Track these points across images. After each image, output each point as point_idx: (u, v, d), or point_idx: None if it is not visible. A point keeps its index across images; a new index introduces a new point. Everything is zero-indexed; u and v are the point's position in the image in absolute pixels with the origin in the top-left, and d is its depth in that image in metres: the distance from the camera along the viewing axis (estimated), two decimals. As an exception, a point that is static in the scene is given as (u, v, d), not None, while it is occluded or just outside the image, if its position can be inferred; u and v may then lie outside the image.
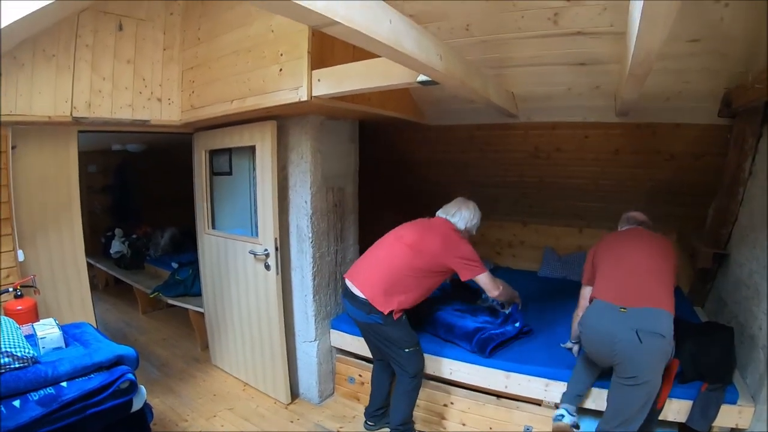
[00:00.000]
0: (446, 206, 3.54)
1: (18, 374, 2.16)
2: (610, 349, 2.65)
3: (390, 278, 3.19)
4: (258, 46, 3.29)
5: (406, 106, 4.32)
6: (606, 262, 3.06)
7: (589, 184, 4.82)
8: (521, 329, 3.64)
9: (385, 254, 3.33)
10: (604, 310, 2.78)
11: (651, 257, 2.94)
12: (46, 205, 3.54)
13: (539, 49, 3.36)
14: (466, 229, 3.46)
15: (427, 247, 3.24)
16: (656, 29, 1.63)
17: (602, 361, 2.85)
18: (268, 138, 3.59)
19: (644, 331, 2.56)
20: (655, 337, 2.55)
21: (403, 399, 3.35)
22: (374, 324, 3.21)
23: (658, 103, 3.55)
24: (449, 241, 3.28)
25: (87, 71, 3.46)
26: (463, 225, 3.44)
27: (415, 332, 3.36)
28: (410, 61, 2.11)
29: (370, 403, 3.62)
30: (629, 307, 2.67)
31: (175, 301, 5.27)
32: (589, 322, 2.86)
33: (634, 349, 2.56)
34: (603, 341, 2.70)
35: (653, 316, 2.62)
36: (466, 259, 3.24)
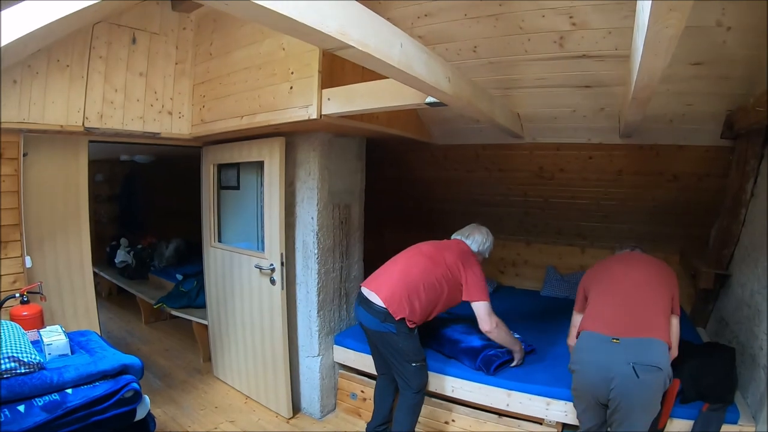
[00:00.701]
0: (460, 230, 3.64)
1: (23, 379, 2.18)
2: (606, 385, 2.50)
3: (407, 286, 3.20)
4: (269, 64, 3.34)
5: (412, 125, 4.36)
6: (596, 289, 2.93)
7: (592, 205, 4.85)
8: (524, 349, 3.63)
9: (404, 265, 3.36)
10: (596, 342, 2.63)
11: (645, 283, 2.81)
12: (54, 212, 3.58)
13: (545, 72, 3.42)
14: (479, 252, 3.52)
15: (443, 259, 3.30)
16: (659, 55, 1.67)
17: (595, 399, 2.62)
18: (277, 154, 3.63)
19: (640, 364, 2.43)
20: (653, 371, 2.43)
21: (407, 414, 3.36)
22: (387, 333, 3.19)
23: (662, 124, 3.60)
24: (465, 256, 3.37)
25: (100, 82, 3.52)
26: (476, 248, 3.51)
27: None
28: (420, 84, 2.16)
29: (373, 419, 3.62)
30: (622, 338, 2.54)
31: (179, 313, 5.28)
32: (580, 357, 2.69)
33: (631, 385, 2.44)
34: (597, 377, 2.55)
35: (648, 347, 2.50)
36: (475, 278, 3.27)
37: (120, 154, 7.08)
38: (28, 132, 3.26)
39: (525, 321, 4.57)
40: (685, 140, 3.79)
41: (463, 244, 3.51)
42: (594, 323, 2.72)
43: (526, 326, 4.40)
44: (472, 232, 3.56)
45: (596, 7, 2.84)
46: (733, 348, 3.22)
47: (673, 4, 1.25)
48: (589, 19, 2.93)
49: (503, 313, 4.68)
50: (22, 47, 2.68)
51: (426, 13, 3.26)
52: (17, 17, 2.21)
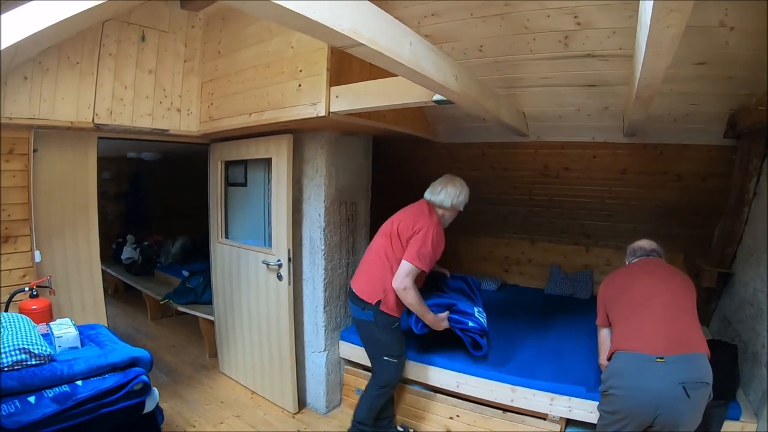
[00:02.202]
0: (432, 184, 3.47)
1: (34, 371, 2.19)
2: (654, 408, 2.33)
3: (372, 270, 3.28)
4: (277, 62, 3.37)
5: (419, 123, 4.39)
6: (624, 304, 2.73)
7: (596, 203, 4.87)
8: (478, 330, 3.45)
9: (371, 250, 3.41)
10: (638, 362, 2.42)
11: (673, 293, 2.64)
12: (64, 208, 3.62)
13: (550, 71, 3.44)
14: (452, 206, 3.37)
15: (398, 230, 3.25)
16: (661, 54, 1.69)
17: (638, 422, 2.43)
18: (285, 151, 3.67)
19: (690, 382, 2.29)
20: (702, 387, 2.32)
21: (367, 401, 3.43)
22: (366, 321, 3.26)
23: (666, 124, 3.62)
24: (414, 216, 3.28)
25: (110, 79, 3.56)
26: (449, 202, 3.34)
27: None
28: (428, 82, 2.19)
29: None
30: (667, 356, 2.35)
31: (186, 309, 5.32)
32: (622, 382, 2.47)
33: (681, 406, 2.30)
34: (644, 401, 2.36)
35: (695, 362, 2.36)
36: (418, 243, 3.11)
37: (127, 152, 7.12)
38: (38, 128, 3.29)
39: (530, 318, 4.61)
40: (688, 139, 3.80)
41: (425, 205, 3.37)
42: (631, 342, 2.52)
43: (531, 323, 4.45)
44: (445, 186, 3.38)
45: (601, 7, 2.86)
46: (735, 345, 3.24)
47: (674, 4, 1.28)
48: (593, 19, 2.95)
49: (508, 309, 4.77)
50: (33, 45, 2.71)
51: (433, 12, 3.28)
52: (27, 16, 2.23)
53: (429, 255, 3.12)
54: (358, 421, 3.46)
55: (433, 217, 3.28)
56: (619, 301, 2.77)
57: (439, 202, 3.35)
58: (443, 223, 3.39)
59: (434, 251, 3.16)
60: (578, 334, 4.14)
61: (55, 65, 3.28)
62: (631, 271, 2.97)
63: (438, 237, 3.20)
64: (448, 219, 3.43)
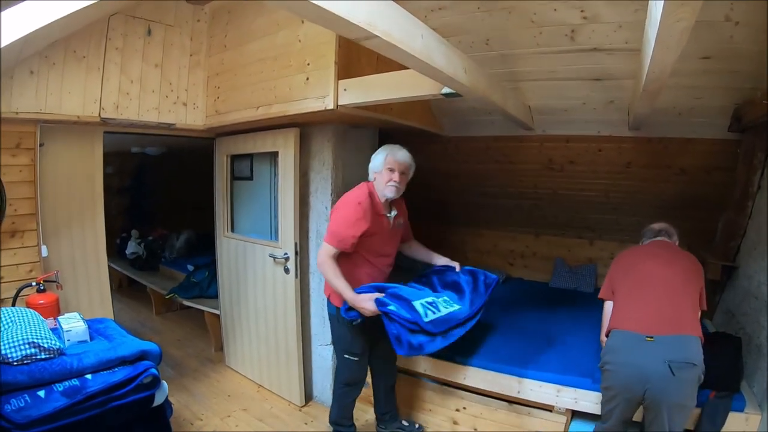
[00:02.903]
0: None
1: (44, 365, 2.19)
2: (641, 385, 2.50)
3: None
4: (285, 55, 3.38)
5: (425, 117, 4.40)
6: (625, 283, 2.86)
7: (601, 197, 4.88)
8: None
9: None
10: (629, 341, 2.60)
11: (675, 278, 2.74)
12: (70, 202, 3.62)
13: (556, 64, 3.46)
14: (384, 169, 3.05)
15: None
16: (670, 48, 1.70)
17: (629, 398, 2.61)
18: (292, 144, 3.67)
19: (676, 362, 2.42)
20: (688, 368, 2.43)
21: (335, 401, 3.47)
22: (330, 314, 3.27)
23: (670, 117, 3.64)
24: (344, 196, 3.12)
25: (116, 73, 3.56)
26: (377, 167, 3.09)
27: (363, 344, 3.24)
28: (438, 74, 2.21)
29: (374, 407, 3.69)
30: (656, 335, 2.51)
31: (191, 303, 5.33)
32: (613, 357, 2.65)
33: (667, 383, 2.44)
34: (632, 377, 2.54)
35: (683, 343, 2.49)
36: (331, 222, 3.03)
37: (131, 147, 7.12)
38: (44, 122, 3.30)
39: (535, 311, 4.62)
40: (693, 133, 3.82)
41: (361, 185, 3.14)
42: (625, 321, 2.69)
43: (536, 316, 4.47)
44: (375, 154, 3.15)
45: (607, 2, 2.86)
46: (739, 337, 3.25)
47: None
48: (600, 13, 2.96)
49: (513, 302, 4.79)
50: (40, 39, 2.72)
51: (440, 6, 3.29)
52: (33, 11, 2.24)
53: (339, 233, 2.94)
54: (333, 422, 3.49)
55: (358, 193, 3.05)
56: (622, 280, 2.90)
57: (377, 165, 3.10)
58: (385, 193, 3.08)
59: (345, 229, 2.94)
60: (583, 326, 4.15)
61: (62, 59, 3.28)
62: (639, 251, 3.07)
63: (355, 215, 2.95)
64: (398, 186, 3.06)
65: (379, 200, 3.11)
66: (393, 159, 3.05)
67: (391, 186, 3.05)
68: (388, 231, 3.19)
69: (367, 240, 3.04)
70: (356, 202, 2.98)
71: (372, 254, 3.16)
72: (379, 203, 3.11)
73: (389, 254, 3.30)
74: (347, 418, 3.47)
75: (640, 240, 3.29)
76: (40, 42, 2.90)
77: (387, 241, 3.22)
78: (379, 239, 3.13)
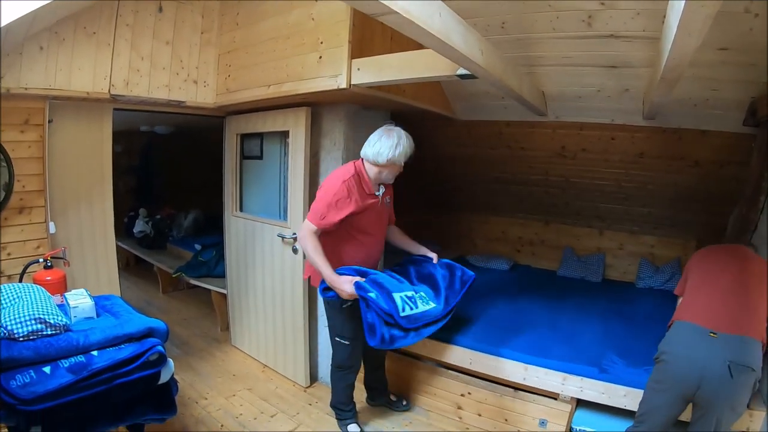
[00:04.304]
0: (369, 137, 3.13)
1: (50, 341, 2.17)
2: (696, 381, 2.37)
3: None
4: (297, 34, 3.35)
5: (438, 99, 4.35)
6: (697, 276, 2.78)
7: (612, 186, 4.85)
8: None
9: None
10: (691, 333, 2.49)
11: (747, 277, 2.62)
12: (78, 179, 3.61)
13: (572, 50, 3.38)
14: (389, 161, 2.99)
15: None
16: (692, 35, 1.66)
17: (680, 394, 2.48)
18: (302, 124, 3.64)
19: (736, 363, 2.30)
20: (747, 372, 2.31)
21: (332, 383, 3.50)
22: (323, 299, 3.20)
23: (686, 109, 3.58)
24: (330, 175, 3.11)
25: (126, 50, 3.54)
26: (384, 157, 2.97)
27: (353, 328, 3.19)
28: (455, 54, 2.17)
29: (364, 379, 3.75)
30: (720, 332, 2.39)
31: (198, 282, 5.35)
32: (673, 349, 2.53)
33: (723, 384, 2.31)
34: (689, 371, 2.40)
35: (746, 345, 2.36)
36: (315, 200, 2.98)
37: (140, 125, 7.10)
38: (53, 98, 3.28)
39: (542, 299, 4.61)
40: (707, 125, 3.77)
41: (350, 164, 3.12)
42: (690, 313, 2.59)
43: (544, 304, 4.45)
44: (378, 139, 3.03)
45: (626, -12, 2.80)
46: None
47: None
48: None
49: (520, 289, 4.81)
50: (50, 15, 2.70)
51: (455, -13, 3.25)
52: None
53: (321, 212, 2.90)
54: (333, 405, 3.56)
55: (345, 172, 3.03)
56: (693, 274, 2.82)
57: (373, 157, 3.01)
58: (382, 180, 3.12)
59: (327, 210, 2.90)
60: (590, 316, 4.17)
61: (72, 35, 3.26)
62: (717, 249, 2.98)
63: (339, 195, 2.92)
64: (388, 175, 3.10)
65: (368, 179, 3.09)
66: (394, 161, 3.01)
67: (389, 176, 3.10)
68: (376, 209, 3.17)
69: (353, 218, 3.03)
70: (341, 181, 2.95)
71: (357, 231, 3.14)
72: (369, 182, 3.09)
73: (375, 233, 3.27)
74: (344, 403, 3.49)
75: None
76: (49, 18, 2.87)
77: (374, 219, 3.20)
78: (366, 217, 3.11)
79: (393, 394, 3.85)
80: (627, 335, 3.76)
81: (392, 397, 3.83)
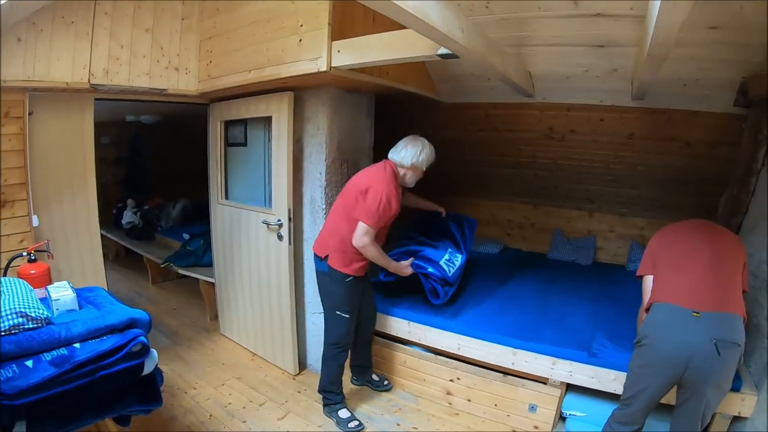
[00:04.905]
0: (397, 144, 3.41)
1: (31, 334, 2.14)
2: (684, 362, 2.36)
3: (326, 228, 3.41)
4: (277, 17, 3.29)
5: (423, 82, 4.31)
6: (669, 255, 2.70)
7: (602, 168, 4.82)
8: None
9: (331, 210, 3.47)
10: (674, 315, 2.44)
11: (717, 252, 2.60)
12: (61, 171, 3.57)
13: (558, 30, 3.33)
14: (412, 165, 3.31)
15: (351, 188, 3.30)
16: (677, 7, 1.62)
17: (668, 377, 2.47)
18: (285, 109, 3.59)
19: (722, 340, 2.29)
20: (732, 347, 2.32)
21: (323, 365, 3.53)
22: (322, 272, 3.37)
23: (675, 89, 3.54)
24: (372, 174, 3.29)
25: (105, 38, 3.47)
26: (409, 161, 3.29)
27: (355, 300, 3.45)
28: (434, 33, 2.12)
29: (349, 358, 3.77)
30: (703, 312, 2.37)
31: (186, 271, 5.32)
32: (656, 332, 2.49)
33: (711, 362, 2.31)
34: (676, 353, 2.38)
35: (729, 321, 2.36)
36: (369, 202, 3.15)
37: (126, 115, 7.04)
38: (33, 90, 3.23)
39: (532, 282, 4.60)
40: (698, 106, 3.73)
41: (383, 163, 3.38)
42: (669, 295, 2.54)
43: (533, 288, 4.44)
44: (406, 145, 3.33)
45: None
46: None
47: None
48: (605, -23, 2.85)
49: (510, 273, 4.80)
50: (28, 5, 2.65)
51: (438, -34, 3.19)
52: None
53: (378, 214, 3.14)
54: (322, 389, 3.58)
55: (387, 174, 3.27)
56: (665, 253, 2.74)
57: (399, 160, 3.32)
58: (406, 182, 3.40)
59: (384, 211, 3.16)
60: (580, 299, 4.15)
61: (50, 26, 3.20)
62: (683, 226, 2.89)
63: (389, 195, 3.18)
64: (411, 178, 3.39)
65: (399, 178, 3.37)
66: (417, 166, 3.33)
67: (411, 179, 3.40)
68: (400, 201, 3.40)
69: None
70: (391, 182, 3.24)
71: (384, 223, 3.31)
72: (399, 180, 3.38)
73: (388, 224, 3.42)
74: (336, 384, 3.53)
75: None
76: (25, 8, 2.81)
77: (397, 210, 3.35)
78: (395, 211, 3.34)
79: (375, 374, 3.96)
80: (617, 318, 3.74)
81: (374, 377, 3.91)
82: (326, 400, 3.55)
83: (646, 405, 2.57)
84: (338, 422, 3.44)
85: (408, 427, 3.46)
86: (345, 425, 3.40)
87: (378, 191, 3.13)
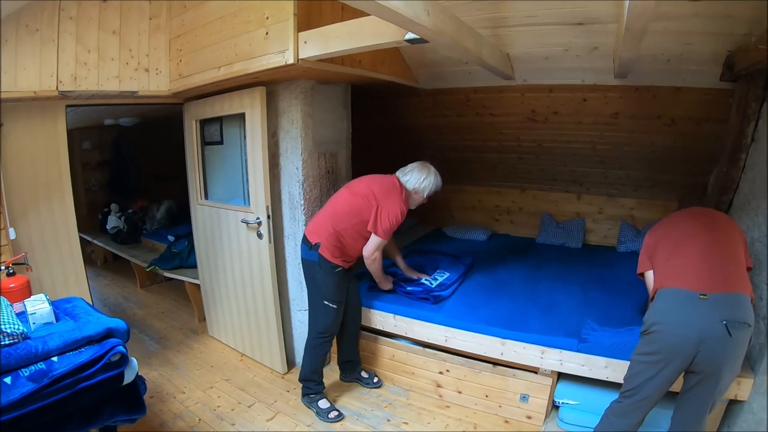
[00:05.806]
0: (405, 167, 3.55)
1: (8, 351, 2.13)
2: (695, 345, 2.29)
3: (323, 218, 3.41)
4: (244, 11, 3.21)
5: (399, 69, 4.24)
6: (667, 244, 2.66)
7: (588, 149, 4.76)
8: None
9: (331, 200, 3.52)
10: (681, 299, 2.38)
11: (713, 233, 2.57)
12: (36, 181, 3.54)
13: (535, 8, 3.24)
14: (414, 190, 3.45)
15: (365, 191, 3.36)
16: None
17: (678, 363, 2.39)
18: (258, 104, 3.52)
19: (732, 321, 2.24)
20: (743, 328, 2.26)
21: (308, 354, 3.55)
22: (310, 261, 3.38)
23: (659, 65, 3.46)
24: (389, 192, 3.37)
25: (72, 44, 3.41)
26: (411, 185, 3.44)
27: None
28: (396, 17, 2.02)
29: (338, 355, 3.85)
30: (710, 293, 2.32)
31: (172, 274, 5.26)
32: (665, 318, 2.41)
33: (723, 344, 2.26)
34: (686, 337, 2.31)
35: (737, 301, 2.31)
36: (384, 214, 3.29)
37: (104, 119, 6.93)
38: (2, 102, 3.17)
39: (520, 269, 4.55)
40: (683, 82, 3.65)
41: (395, 179, 3.47)
42: (673, 280, 2.48)
43: (522, 274, 4.40)
44: (413, 169, 3.48)
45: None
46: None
47: None
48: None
49: (498, 260, 4.77)
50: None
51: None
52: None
53: (392, 230, 3.35)
54: (303, 379, 3.60)
55: (402, 194, 3.40)
56: (660, 245, 2.69)
57: (404, 182, 3.45)
58: (410, 203, 3.51)
59: (395, 226, 3.35)
60: (570, 285, 4.10)
61: (14, 35, 3.15)
62: (674, 217, 2.87)
63: (403, 213, 3.36)
64: (415, 201, 3.52)
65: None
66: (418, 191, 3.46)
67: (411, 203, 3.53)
68: None
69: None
70: (405, 201, 3.40)
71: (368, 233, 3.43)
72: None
73: None
74: (318, 374, 3.57)
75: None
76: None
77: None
78: None
79: (364, 371, 3.94)
80: (607, 302, 3.71)
81: (363, 374, 3.91)
82: (306, 390, 3.57)
83: (650, 396, 2.49)
84: (318, 412, 3.48)
85: (398, 423, 3.42)
86: (325, 416, 3.44)
87: (394, 209, 3.29)
